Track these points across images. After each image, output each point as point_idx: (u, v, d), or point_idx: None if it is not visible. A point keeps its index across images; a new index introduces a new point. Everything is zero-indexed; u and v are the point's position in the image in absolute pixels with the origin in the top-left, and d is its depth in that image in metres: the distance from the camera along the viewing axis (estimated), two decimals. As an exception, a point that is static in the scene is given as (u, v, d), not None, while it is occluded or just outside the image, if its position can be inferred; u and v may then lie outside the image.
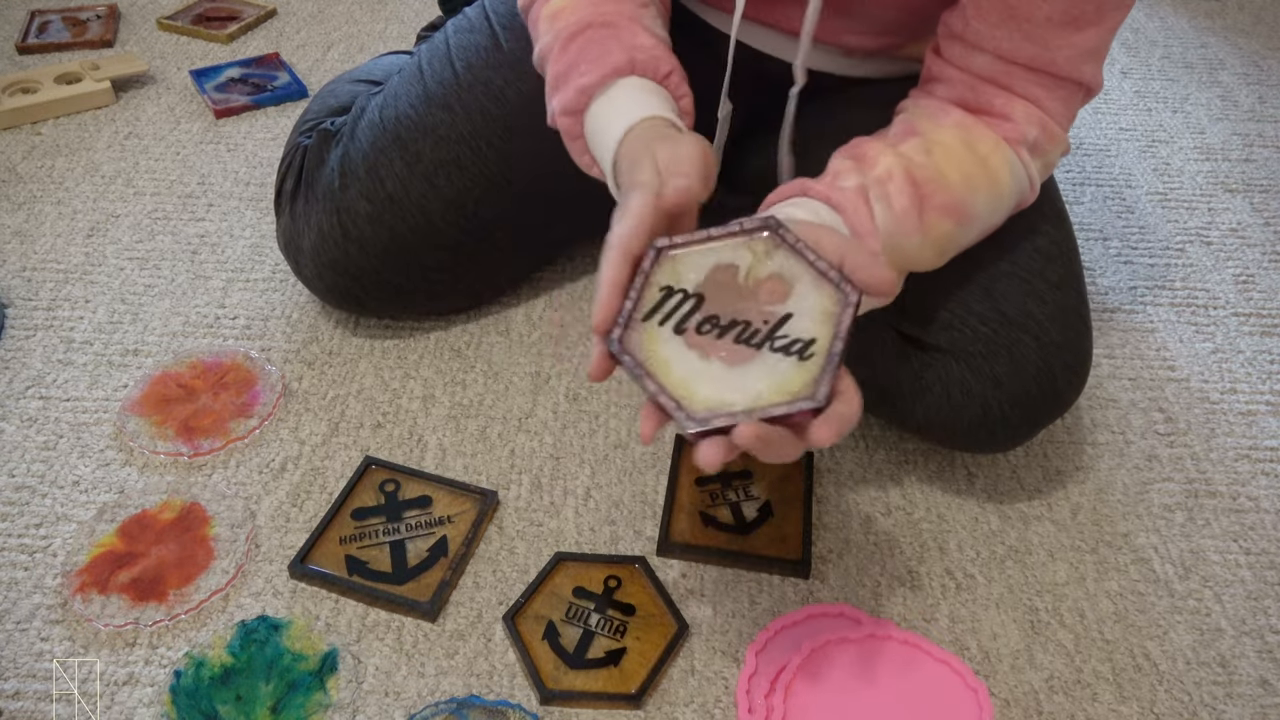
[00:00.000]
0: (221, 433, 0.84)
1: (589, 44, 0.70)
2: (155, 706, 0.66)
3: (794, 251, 0.56)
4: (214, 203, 1.11)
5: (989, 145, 0.69)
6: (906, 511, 0.81)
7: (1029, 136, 0.70)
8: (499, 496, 0.80)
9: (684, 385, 0.53)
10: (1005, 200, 0.72)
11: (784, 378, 0.53)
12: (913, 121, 0.71)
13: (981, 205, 0.70)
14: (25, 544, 0.76)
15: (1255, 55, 1.49)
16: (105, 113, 1.25)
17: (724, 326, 0.54)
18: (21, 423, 0.85)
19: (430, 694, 0.68)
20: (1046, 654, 0.72)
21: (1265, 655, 0.72)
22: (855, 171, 0.67)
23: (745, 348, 0.54)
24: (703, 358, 0.54)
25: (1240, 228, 1.14)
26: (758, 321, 0.54)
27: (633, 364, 0.54)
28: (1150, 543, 0.80)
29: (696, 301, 0.55)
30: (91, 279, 1.01)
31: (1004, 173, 0.70)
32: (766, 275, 0.55)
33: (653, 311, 0.55)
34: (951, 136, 0.69)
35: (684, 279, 0.56)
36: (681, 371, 0.54)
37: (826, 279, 0.55)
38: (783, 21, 0.83)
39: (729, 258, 0.56)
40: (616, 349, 0.54)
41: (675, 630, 0.71)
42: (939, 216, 0.68)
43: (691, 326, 0.55)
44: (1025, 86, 0.69)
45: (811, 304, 0.54)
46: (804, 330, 0.54)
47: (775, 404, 0.52)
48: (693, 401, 0.53)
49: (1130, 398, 0.92)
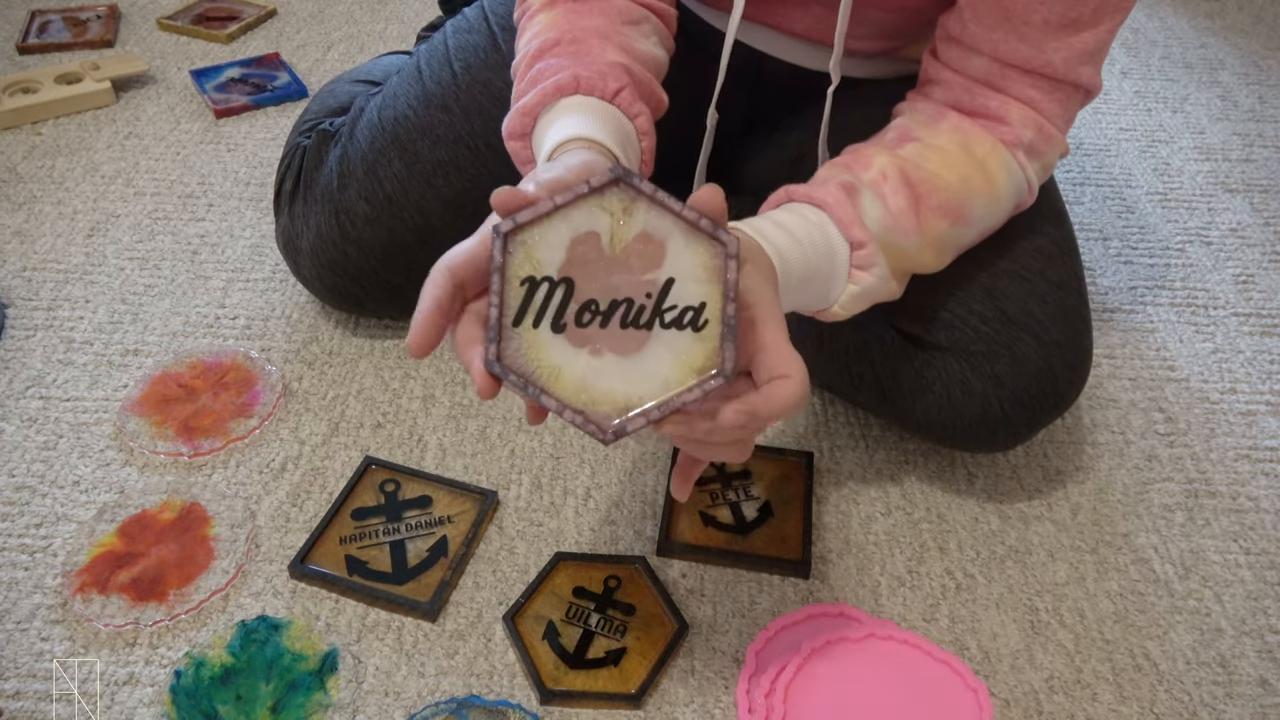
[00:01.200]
0: (221, 433, 0.84)
1: (548, 64, 0.68)
2: (155, 706, 0.66)
3: (654, 203, 0.50)
4: (214, 203, 1.11)
5: (986, 148, 0.69)
6: (906, 511, 0.81)
7: (1024, 139, 0.70)
8: (499, 496, 0.80)
9: (583, 390, 0.49)
10: (1003, 203, 0.72)
11: (685, 354, 0.49)
12: (908, 128, 0.71)
13: (979, 207, 0.70)
14: (25, 544, 0.76)
15: (1255, 55, 1.49)
16: (105, 113, 1.25)
17: (604, 311, 0.50)
18: (22, 423, 0.86)
19: (430, 694, 0.68)
20: (1046, 654, 0.72)
21: (1265, 655, 0.72)
22: (843, 170, 0.67)
23: (635, 331, 0.49)
24: (594, 354, 0.49)
25: (1240, 228, 1.14)
26: (639, 296, 0.50)
27: (520, 382, 0.49)
28: (1150, 543, 0.80)
29: (566, 288, 0.50)
30: (92, 279, 1.01)
31: (1001, 175, 0.70)
32: (633, 237, 0.50)
33: (522, 312, 0.50)
34: (948, 140, 0.69)
35: (544, 263, 0.50)
36: (575, 375, 0.49)
37: (698, 230, 0.49)
38: (783, 23, 0.83)
39: (585, 224, 0.50)
40: (497, 369, 0.49)
41: (675, 630, 0.71)
42: (935, 217, 0.68)
43: (570, 319, 0.50)
44: (1021, 89, 0.69)
45: (689, 261, 0.49)
46: (690, 295, 0.49)
47: (686, 388, 0.49)
48: (598, 408, 0.49)
49: (1130, 398, 0.92)
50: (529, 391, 0.49)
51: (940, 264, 0.71)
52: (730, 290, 0.49)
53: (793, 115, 0.91)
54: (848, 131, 0.80)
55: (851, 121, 0.80)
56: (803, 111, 0.90)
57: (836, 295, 0.66)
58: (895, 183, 0.66)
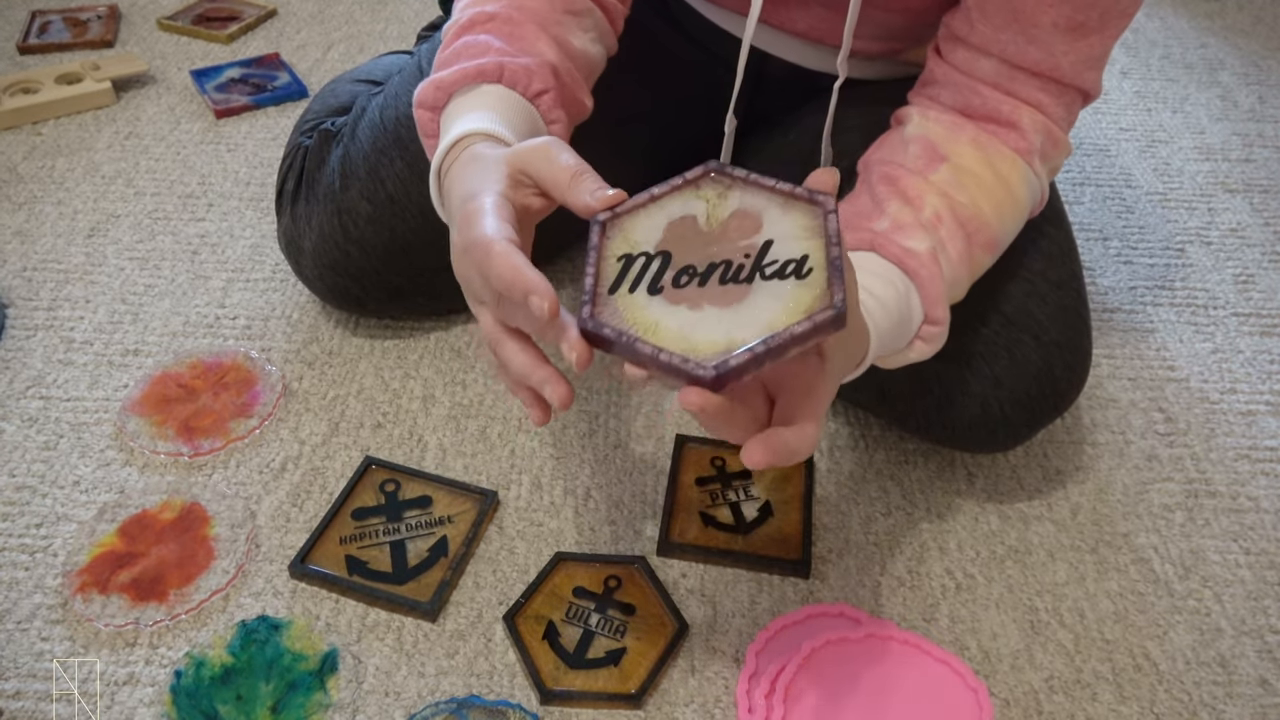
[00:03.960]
0: (221, 433, 0.84)
1: (477, 39, 0.66)
2: (155, 706, 0.66)
3: (749, 185, 0.51)
4: (214, 203, 1.11)
5: (1008, 164, 0.69)
6: (906, 511, 0.81)
7: (1037, 145, 0.69)
8: (499, 496, 0.80)
9: (683, 339, 0.47)
10: (1023, 217, 0.72)
11: (791, 299, 0.47)
12: (932, 143, 0.69)
13: (1009, 230, 0.71)
14: (26, 544, 0.76)
15: (1255, 55, 1.49)
16: (106, 113, 1.25)
17: (703, 273, 0.49)
18: (22, 423, 0.86)
19: (430, 694, 0.68)
20: (1046, 654, 0.72)
21: (1265, 655, 0.72)
22: (919, 227, 0.65)
23: (735, 285, 0.48)
24: (693, 308, 0.48)
25: (1240, 228, 1.14)
26: (738, 258, 0.49)
27: (616, 333, 0.47)
28: (1150, 543, 0.80)
29: (664, 259, 0.49)
30: (92, 279, 1.01)
31: (1023, 190, 0.70)
32: (729, 214, 0.50)
33: (618, 282, 0.49)
34: (973, 160, 0.68)
35: (641, 242, 0.50)
36: (674, 327, 0.47)
37: (795, 198, 0.50)
38: (786, 22, 0.83)
39: (682, 209, 0.51)
40: (591, 324, 0.48)
41: (675, 630, 0.71)
42: (981, 252, 0.68)
43: (667, 282, 0.49)
44: (1030, 92, 0.69)
45: (788, 226, 0.49)
46: (791, 250, 0.48)
47: (794, 323, 0.46)
48: (698, 352, 0.46)
49: (1130, 398, 0.92)
50: (624, 342, 0.47)
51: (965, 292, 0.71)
52: (834, 237, 0.47)
53: (791, 114, 0.91)
54: (849, 131, 0.79)
55: (852, 121, 0.80)
56: (801, 111, 0.90)
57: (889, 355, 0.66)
58: (951, 227, 0.66)
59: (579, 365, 0.48)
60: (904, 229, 0.65)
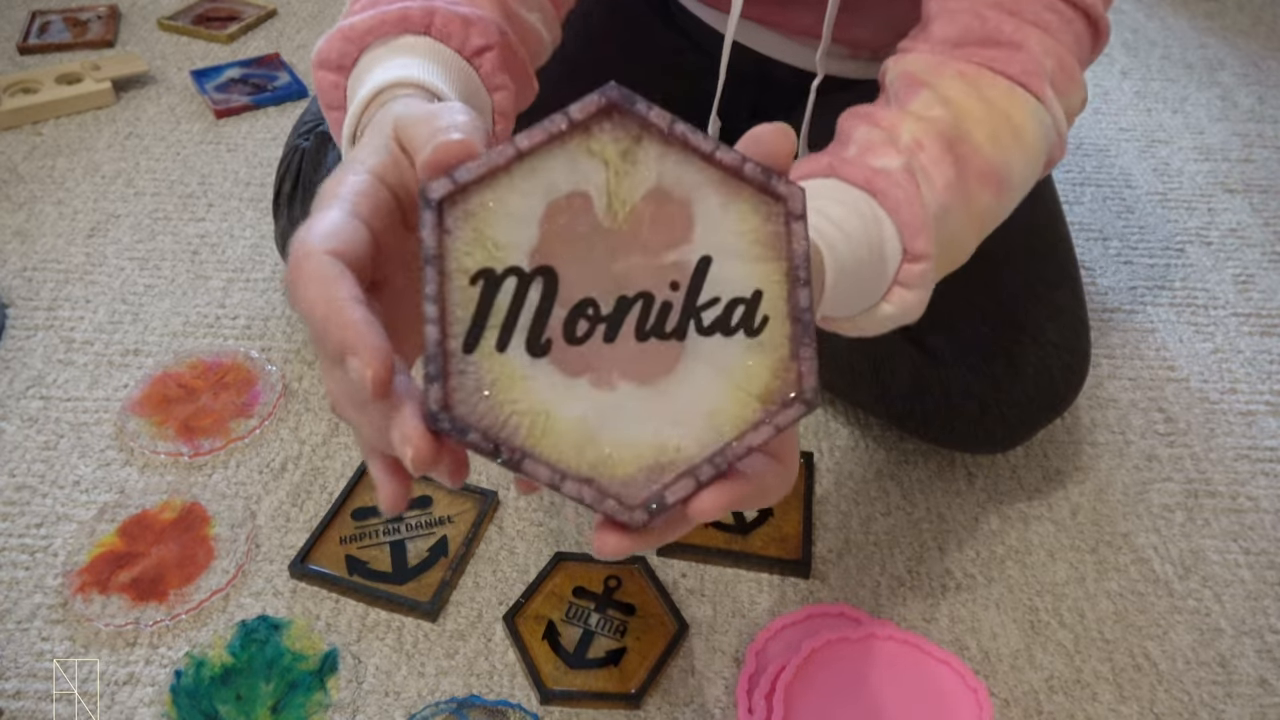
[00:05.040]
0: (222, 433, 0.84)
1: None
2: (155, 706, 0.66)
3: (670, 141, 0.34)
4: (214, 203, 1.11)
5: (1002, 93, 0.58)
6: (906, 511, 0.81)
7: (1047, 68, 0.60)
8: (499, 496, 0.80)
9: (590, 445, 0.33)
10: (1036, 159, 0.60)
11: (740, 373, 0.34)
12: (911, 73, 0.59)
13: (1017, 168, 0.58)
14: (26, 544, 0.76)
15: (1255, 55, 1.49)
16: (106, 113, 1.25)
17: (609, 316, 0.33)
18: (22, 423, 0.86)
19: (430, 694, 0.68)
20: (1046, 654, 0.72)
21: (1265, 655, 0.72)
22: (891, 145, 0.53)
23: (658, 343, 0.33)
24: (599, 385, 0.33)
25: (1240, 228, 1.14)
26: (660, 288, 0.33)
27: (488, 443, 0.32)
28: (1150, 543, 0.80)
29: (545, 284, 0.33)
30: (92, 279, 1.01)
31: (1029, 124, 0.59)
32: (642, 196, 0.34)
33: (478, 328, 0.32)
34: (960, 90, 0.57)
35: (506, 246, 0.33)
36: (574, 420, 0.33)
37: (741, 179, 0.34)
38: (783, 23, 0.83)
39: (566, 181, 0.33)
40: (446, 423, 0.32)
41: (675, 630, 0.71)
42: (979, 186, 0.56)
43: (557, 333, 0.33)
44: (1036, 11, 0.61)
45: (732, 232, 0.34)
46: (737, 281, 0.34)
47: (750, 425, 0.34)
48: (615, 473, 0.33)
49: (1130, 398, 0.92)
50: (503, 458, 0.32)
51: (973, 247, 0.59)
52: (799, 267, 0.34)
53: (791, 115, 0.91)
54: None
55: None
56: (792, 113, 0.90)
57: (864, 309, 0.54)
58: (935, 151, 0.53)
59: (419, 466, 0.32)
60: (873, 149, 0.53)
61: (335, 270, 0.33)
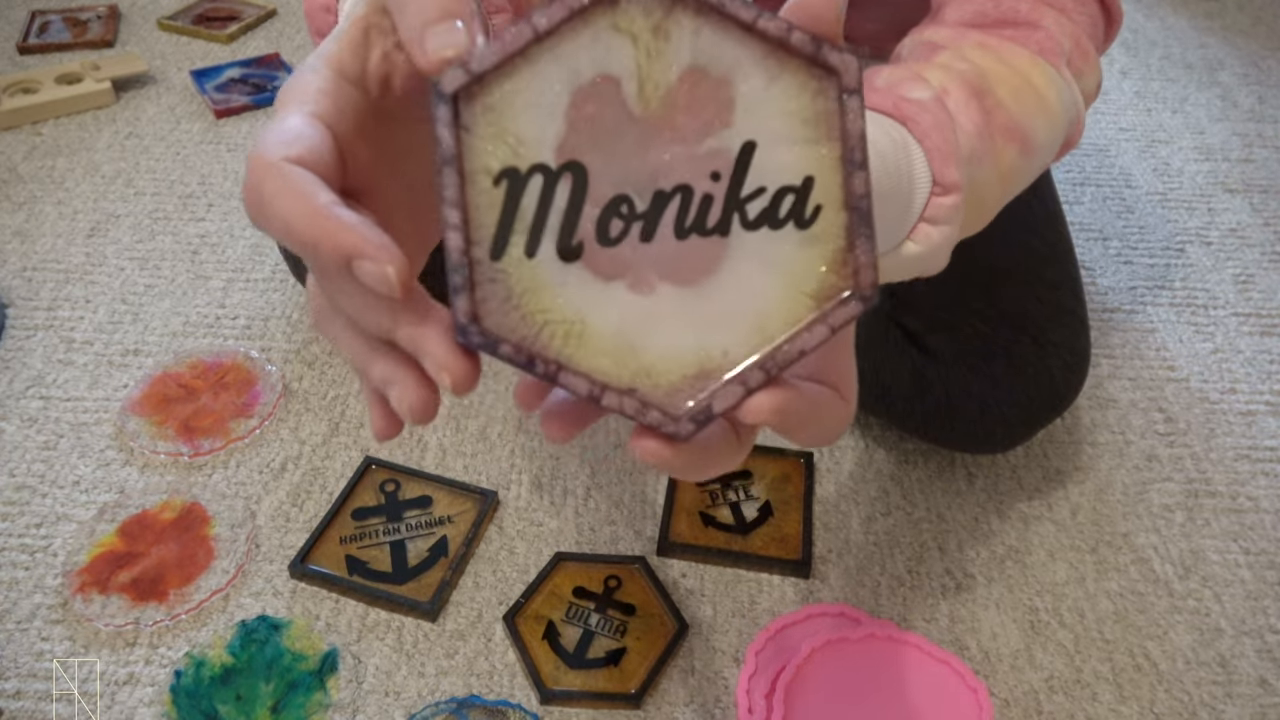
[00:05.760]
0: (222, 433, 0.84)
1: None
2: (155, 706, 0.66)
3: (703, 7, 0.30)
4: (214, 203, 1.11)
5: (1024, 61, 0.56)
6: (906, 511, 0.81)
7: (1065, 47, 0.59)
8: (499, 496, 0.80)
9: (629, 354, 0.30)
10: (1058, 125, 0.58)
11: (792, 270, 0.30)
12: (928, 40, 0.57)
13: (1040, 128, 0.56)
14: (26, 544, 0.76)
15: (1255, 55, 1.49)
16: (106, 113, 1.25)
17: (645, 213, 0.30)
18: (22, 423, 0.86)
19: (430, 694, 0.68)
20: (1046, 654, 0.72)
21: (1264, 655, 0.72)
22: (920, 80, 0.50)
23: (699, 240, 0.30)
24: (636, 288, 0.30)
25: (1240, 228, 1.14)
26: (699, 179, 0.30)
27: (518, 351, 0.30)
28: (1150, 543, 0.80)
29: (574, 180, 0.30)
30: (92, 279, 1.01)
31: (1050, 90, 0.57)
32: (677, 77, 0.30)
33: (504, 232, 0.30)
34: (980, 56, 0.55)
35: (529, 142, 0.30)
36: (611, 326, 0.30)
37: (787, 51, 0.30)
38: None
39: (591, 64, 0.30)
40: (476, 337, 0.30)
41: (675, 630, 0.71)
42: (1004, 140, 0.53)
43: (589, 234, 0.30)
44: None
45: (778, 113, 0.30)
46: (785, 168, 0.30)
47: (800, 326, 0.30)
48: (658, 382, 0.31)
49: (1130, 398, 0.92)
50: (538, 370, 0.30)
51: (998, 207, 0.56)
52: (855, 149, 0.30)
53: None
54: None
55: None
56: None
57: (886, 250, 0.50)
58: (961, 95, 0.51)
59: (458, 389, 0.30)
60: (901, 83, 0.51)
61: (306, 177, 0.29)
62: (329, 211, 0.28)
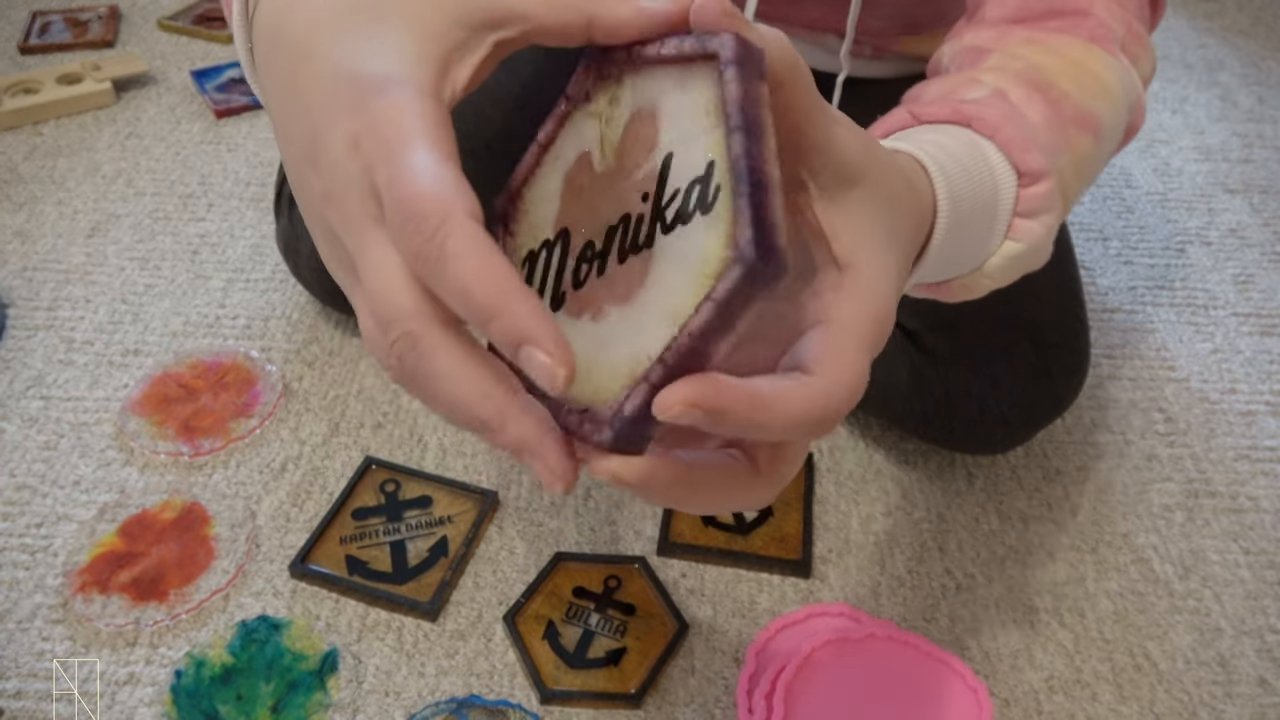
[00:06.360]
0: (222, 433, 0.84)
1: None
2: (156, 706, 0.66)
3: (638, 65, 0.33)
4: (214, 203, 1.11)
5: (1078, 50, 0.54)
6: (906, 511, 0.81)
7: (1117, 32, 0.56)
8: (499, 496, 0.80)
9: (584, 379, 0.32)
10: (1121, 111, 0.55)
11: (698, 259, 0.30)
12: (972, 45, 0.55)
13: (1106, 113, 0.53)
14: (26, 544, 0.76)
15: (1254, 56, 1.49)
16: (106, 113, 1.25)
17: (602, 251, 0.33)
18: (22, 423, 0.86)
19: (430, 694, 0.68)
20: (1046, 654, 0.72)
21: (1264, 655, 0.72)
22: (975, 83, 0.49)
23: (635, 258, 0.32)
24: (596, 317, 0.33)
25: (1240, 228, 1.14)
26: (634, 204, 0.32)
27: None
28: (1150, 543, 0.80)
29: (562, 244, 0.35)
30: (92, 279, 1.01)
31: (1108, 74, 0.54)
32: (624, 127, 0.33)
33: None
34: (1030, 50, 0.53)
35: (540, 224, 0.36)
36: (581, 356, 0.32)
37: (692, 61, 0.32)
38: (794, 15, 0.82)
39: (574, 149, 0.35)
40: None
41: (675, 630, 0.71)
42: (1076, 130, 0.51)
43: (568, 284, 0.34)
44: None
45: (689, 114, 0.32)
46: (693, 160, 0.31)
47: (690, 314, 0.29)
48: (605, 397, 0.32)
49: (1130, 398, 0.92)
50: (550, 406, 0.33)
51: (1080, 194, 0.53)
52: (731, 114, 0.30)
53: None
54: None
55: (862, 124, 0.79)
56: None
57: (987, 255, 0.48)
58: (1021, 91, 0.49)
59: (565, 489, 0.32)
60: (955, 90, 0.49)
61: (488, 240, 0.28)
62: (514, 287, 0.28)
